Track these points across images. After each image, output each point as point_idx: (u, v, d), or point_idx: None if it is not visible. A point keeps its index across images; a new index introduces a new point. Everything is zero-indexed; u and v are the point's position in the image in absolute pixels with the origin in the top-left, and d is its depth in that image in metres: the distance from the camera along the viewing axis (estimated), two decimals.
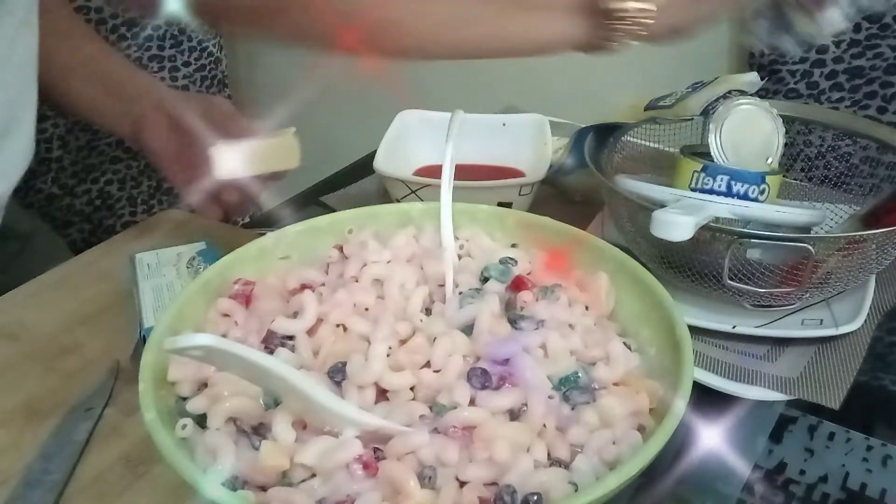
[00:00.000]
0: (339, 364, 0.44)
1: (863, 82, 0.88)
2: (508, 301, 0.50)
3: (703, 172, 0.60)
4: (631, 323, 0.50)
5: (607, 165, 0.69)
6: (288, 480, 0.39)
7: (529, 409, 0.42)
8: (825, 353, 0.59)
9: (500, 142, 0.83)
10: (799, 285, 0.56)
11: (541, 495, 0.37)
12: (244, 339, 0.48)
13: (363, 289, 0.50)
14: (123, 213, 1.24)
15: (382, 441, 0.40)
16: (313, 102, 1.57)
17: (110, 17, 1.14)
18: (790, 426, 0.54)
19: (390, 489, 0.38)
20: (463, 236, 0.56)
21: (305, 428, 0.41)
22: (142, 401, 0.41)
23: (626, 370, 0.46)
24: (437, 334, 0.46)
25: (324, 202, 0.84)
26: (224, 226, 0.81)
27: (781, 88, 0.91)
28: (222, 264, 0.53)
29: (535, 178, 0.72)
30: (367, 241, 0.55)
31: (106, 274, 0.70)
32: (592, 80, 1.09)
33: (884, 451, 0.52)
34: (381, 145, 0.79)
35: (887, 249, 0.56)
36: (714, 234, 0.55)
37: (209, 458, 0.40)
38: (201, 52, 1.27)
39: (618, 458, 0.40)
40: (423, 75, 1.36)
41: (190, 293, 0.50)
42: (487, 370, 0.43)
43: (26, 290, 0.69)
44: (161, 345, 0.44)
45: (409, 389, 0.44)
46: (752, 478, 0.50)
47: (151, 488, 0.48)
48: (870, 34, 0.85)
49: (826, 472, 0.51)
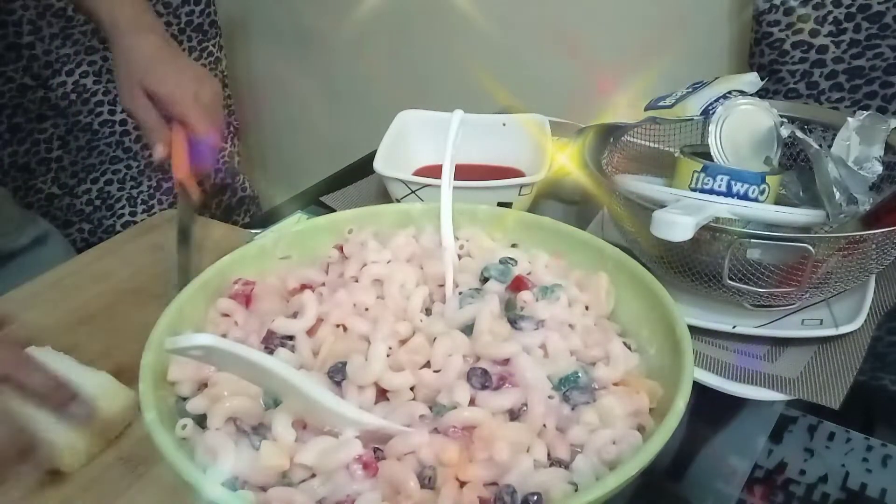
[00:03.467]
0: (339, 364, 0.44)
1: (863, 82, 0.87)
2: (508, 301, 0.50)
3: (703, 172, 0.60)
4: (631, 323, 0.50)
5: (607, 165, 0.69)
6: (288, 480, 0.40)
7: (529, 409, 0.42)
8: (825, 353, 0.59)
9: (500, 142, 0.83)
10: (799, 285, 0.56)
11: (541, 495, 0.37)
12: (244, 339, 0.48)
13: (363, 289, 0.50)
14: (123, 213, 1.24)
15: (382, 441, 0.40)
16: (313, 102, 1.58)
17: None
18: (790, 426, 0.54)
19: (390, 489, 0.38)
20: (463, 236, 0.56)
21: (305, 428, 0.41)
22: (142, 401, 0.41)
23: (626, 370, 0.46)
24: (437, 334, 0.46)
25: (324, 202, 0.84)
26: (224, 225, 0.81)
27: (781, 88, 0.91)
28: (222, 264, 0.53)
29: (535, 178, 0.72)
30: (367, 241, 0.55)
31: (106, 274, 0.70)
32: (592, 80, 1.09)
33: (884, 451, 0.52)
34: (381, 145, 0.79)
35: (887, 249, 0.56)
36: (714, 234, 0.55)
37: (209, 458, 0.40)
38: (201, 52, 1.27)
39: (618, 458, 0.40)
40: (423, 75, 1.36)
41: (190, 293, 0.50)
42: (487, 370, 0.43)
43: (26, 290, 0.69)
44: (161, 345, 0.44)
45: (409, 389, 0.44)
46: (752, 478, 0.50)
47: (151, 488, 0.48)
48: (870, 34, 0.85)
49: (826, 472, 0.51)
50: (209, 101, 0.72)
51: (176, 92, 0.70)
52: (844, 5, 0.84)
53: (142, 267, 0.69)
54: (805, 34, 0.87)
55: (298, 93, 1.54)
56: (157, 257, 0.72)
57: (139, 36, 0.73)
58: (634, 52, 1.11)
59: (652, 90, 0.71)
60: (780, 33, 0.88)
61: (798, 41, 0.88)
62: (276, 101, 1.58)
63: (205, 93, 0.72)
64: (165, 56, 0.73)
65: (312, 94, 1.52)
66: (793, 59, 0.89)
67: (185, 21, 1.22)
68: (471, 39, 1.26)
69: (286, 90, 1.55)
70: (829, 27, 0.86)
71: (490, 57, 1.26)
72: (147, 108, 0.71)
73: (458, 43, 1.28)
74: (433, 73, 1.33)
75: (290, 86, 1.54)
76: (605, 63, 1.11)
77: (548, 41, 1.18)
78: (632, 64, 1.07)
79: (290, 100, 1.56)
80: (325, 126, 1.53)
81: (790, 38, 0.88)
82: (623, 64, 1.08)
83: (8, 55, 1.08)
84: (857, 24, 0.85)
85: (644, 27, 1.10)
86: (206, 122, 0.70)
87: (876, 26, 0.85)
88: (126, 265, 0.71)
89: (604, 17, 1.13)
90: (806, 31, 0.87)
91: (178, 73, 0.72)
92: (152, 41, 0.73)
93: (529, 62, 1.22)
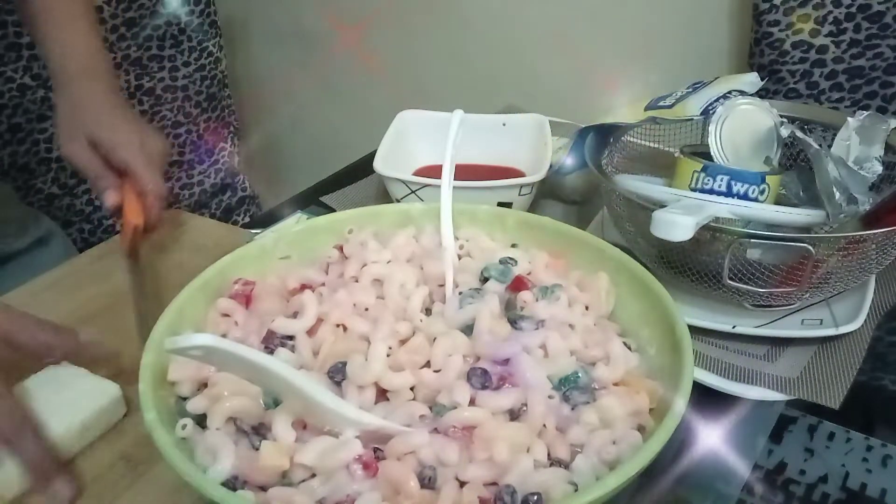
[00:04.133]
0: (339, 364, 0.44)
1: (863, 82, 0.88)
2: (508, 301, 0.50)
3: (703, 172, 0.60)
4: (631, 323, 0.50)
5: (607, 165, 0.69)
6: (288, 480, 0.40)
7: (529, 409, 0.42)
8: (825, 353, 0.59)
9: (500, 142, 0.83)
10: (799, 285, 0.56)
11: (541, 495, 0.37)
12: (244, 339, 0.48)
13: (363, 289, 0.50)
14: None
15: (382, 441, 0.40)
16: (313, 102, 1.58)
17: (110, 17, 1.14)
18: (790, 426, 0.54)
19: (390, 489, 0.38)
20: (463, 236, 0.56)
21: (305, 428, 0.41)
22: (142, 401, 0.41)
23: (626, 370, 0.46)
24: (437, 334, 0.46)
25: (324, 202, 0.84)
26: (224, 225, 0.81)
27: (781, 88, 0.91)
28: (222, 264, 0.53)
29: (535, 178, 0.72)
30: (367, 241, 0.55)
31: (106, 274, 0.69)
32: (592, 80, 1.09)
33: (884, 451, 0.52)
34: (381, 145, 0.79)
35: (887, 249, 0.56)
36: (714, 234, 0.55)
37: (209, 458, 0.40)
38: (201, 52, 1.27)
39: (618, 458, 0.40)
40: (423, 75, 1.36)
41: (190, 293, 0.50)
42: (487, 370, 0.43)
43: (26, 290, 0.69)
44: (161, 345, 0.44)
45: (409, 389, 0.44)
46: (752, 478, 0.50)
47: (151, 488, 0.48)
48: (870, 34, 0.85)
49: (826, 472, 0.51)
50: (154, 153, 0.70)
51: (123, 139, 0.68)
52: (844, 5, 0.84)
53: (141, 267, 0.69)
54: (805, 34, 0.87)
55: (298, 93, 1.54)
56: (156, 257, 0.72)
57: (89, 84, 0.71)
58: (634, 52, 1.11)
59: (652, 90, 0.71)
60: (780, 33, 0.88)
61: (798, 41, 0.88)
62: (276, 101, 1.58)
63: (150, 144, 0.69)
64: (114, 104, 0.71)
65: (312, 94, 1.52)
66: (793, 59, 0.89)
67: (185, 21, 1.22)
68: (471, 39, 1.26)
69: (286, 90, 1.55)
70: (829, 27, 0.86)
71: (490, 57, 1.26)
72: (91, 156, 0.68)
73: (458, 43, 1.28)
74: (433, 73, 1.33)
75: (290, 86, 1.54)
76: (605, 63, 1.11)
77: (548, 41, 1.18)
78: (632, 64, 1.07)
79: (290, 100, 1.56)
80: (325, 126, 1.53)
81: (790, 38, 0.88)
82: (623, 64, 1.08)
83: (8, 55, 1.08)
84: (857, 24, 0.85)
85: (644, 27, 1.10)
86: (151, 170, 0.67)
87: (876, 26, 0.85)
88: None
89: (604, 17, 1.13)
90: (806, 31, 0.87)
91: (126, 122, 0.70)
92: (101, 90, 0.71)
93: (529, 62, 1.22)
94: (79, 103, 0.70)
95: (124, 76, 1.18)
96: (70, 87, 0.70)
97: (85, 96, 0.70)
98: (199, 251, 0.73)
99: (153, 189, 0.66)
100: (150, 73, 1.21)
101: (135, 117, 0.73)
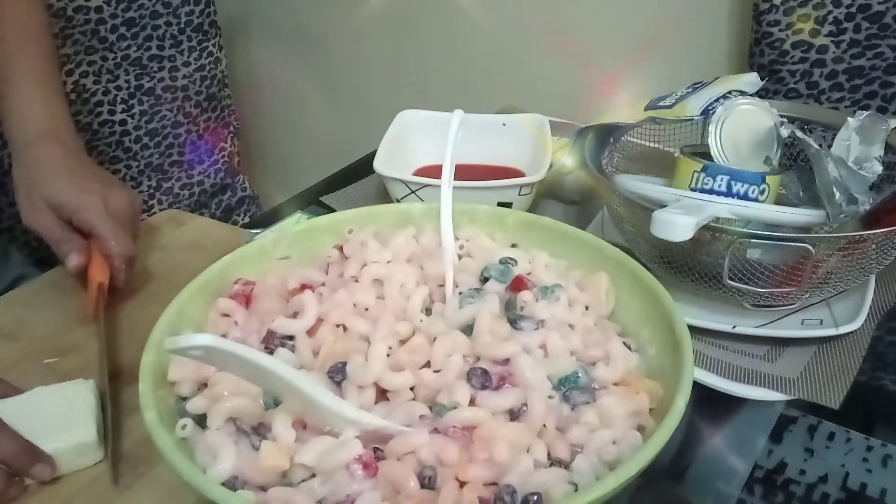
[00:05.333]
0: (339, 364, 0.44)
1: (863, 82, 0.88)
2: (508, 301, 0.50)
3: (703, 172, 0.60)
4: (631, 323, 0.50)
5: (607, 165, 0.69)
6: (288, 480, 0.40)
7: (529, 409, 0.42)
8: (825, 353, 0.59)
9: (500, 142, 0.83)
10: (799, 285, 0.56)
11: (541, 495, 0.37)
12: (244, 339, 0.48)
13: (363, 289, 0.50)
14: None
15: (382, 441, 0.40)
16: (313, 102, 1.58)
17: (110, 17, 1.14)
18: (790, 426, 0.54)
19: (390, 489, 0.38)
20: (463, 236, 0.56)
21: (305, 428, 0.41)
22: (142, 401, 0.41)
23: (626, 370, 0.46)
24: (437, 334, 0.46)
25: (324, 202, 0.84)
26: (224, 225, 0.81)
27: (781, 88, 0.91)
28: (222, 264, 0.53)
29: (535, 178, 0.72)
30: (367, 241, 0.55)
31: None
32: (592, 80, 1.09)
33: (884, 451, 0.52)
34: (381, 145, 0.79)
35: (887, 249, 0.56)
36: (714, 234, 0.55)
37: (209, 459, 0.40)
38: (201, 52, 1.27)
39: (618, 458, 0.40)
40: (423, 75, 1.36)
41: (190, 293, 0.50)
42: (487, 370, 0.43)
43: (26, 290, 0.69)
44: (161, 345, 0.44)
45: (409, 389, 0.44)
46: (752, 478, 0.50)
47: (151, 488, 0.48)
48: (870, 34, 0.85)
49: (826, 472, 0.51)
50: (120, 209, 0.66)
51: (84, 202, 0.64)
52: (844, 5, 0.84)
53: (141, 267, 0.69)
54: (805, 34, 0.87)
55: (298, 93, 1.54)
56: (156, 258, 0.72)
57: (44, 147, 0.68)
58: (634, 52, 1.11)
59: (652, 90, 0.71)
60: (780, 33, 0.88)
61: (798, 41, 0.88)
62: (276, 101, 1.58)
63: (115, 202, 0.66)
64: (71, 165, 0.67)
65: (312, 95, 1.52)
66: (793, 59, 0.89)
67: (185, 21, 1.22)
68: (471, 40, 1.26)
69: (286, 90, 1.55)
70: (829, 27, 0.86)
71: (490, 57, 1.26)
72: (51, 220, 0.65)
73: (458, 43, 1.28)
74: (433, 73, 1.33)
75: (290, 86, 1.54)
76: (605, 63, 1.11)
77: (548, 41, 1.18)
78: (632, 64, 1.07)
79: (290, 100, 1.56)
80: (325, 126, 1.53)
81: (790, 38, 0.88)
82: (623, 64, 1.08)
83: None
84: (857, 24, 0.85)
85: (644, 27, 1.10)
86: (115, 231, 0.63)
87: (876, 26, 0.85)
88: None
89: (604, 17, 1.13)
90: (806, 31, 0.87)
91: (83, 180, 0.66)
92: (57, 152, 0.68)
93: (529, 62, 1.22)
94: (35, 170, 0.66)
95: (124, 76, 1.18)
96: (26, 154, 0.68)
97: (41, 161, 0.67)
98: (199, 251, 0.73)
99: (118, 251, 0.63)
100: (150, 73, 1.21)
101: (99, 176, 0.69)
